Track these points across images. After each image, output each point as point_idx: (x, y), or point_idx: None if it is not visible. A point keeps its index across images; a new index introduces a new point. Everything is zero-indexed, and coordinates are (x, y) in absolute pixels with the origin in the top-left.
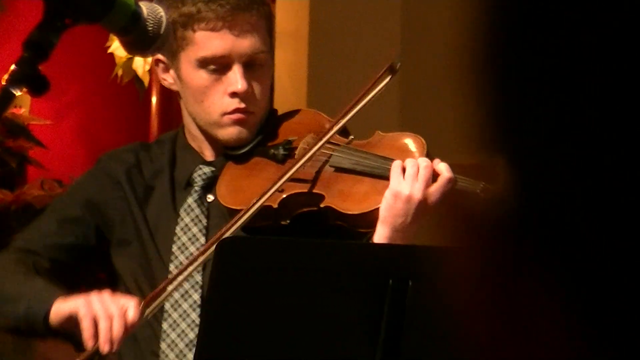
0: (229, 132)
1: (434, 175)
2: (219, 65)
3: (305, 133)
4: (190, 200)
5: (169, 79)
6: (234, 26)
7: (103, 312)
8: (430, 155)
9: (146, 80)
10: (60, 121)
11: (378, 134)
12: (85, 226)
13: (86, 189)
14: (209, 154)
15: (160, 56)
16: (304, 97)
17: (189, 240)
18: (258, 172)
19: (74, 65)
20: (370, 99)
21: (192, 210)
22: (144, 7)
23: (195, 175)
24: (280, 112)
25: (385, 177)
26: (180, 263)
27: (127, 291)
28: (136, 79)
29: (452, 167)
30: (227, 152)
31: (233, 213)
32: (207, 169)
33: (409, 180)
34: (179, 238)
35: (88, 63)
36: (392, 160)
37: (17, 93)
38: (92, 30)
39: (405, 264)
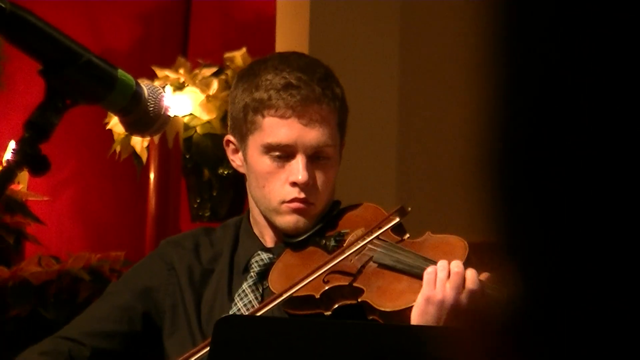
0: (287, 220)
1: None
2: (283, 153)
3: (363, 226)
4: (245, 285)
5: (237, 160)
6: (302, 116)
7: None
8: (470, 260)
9: (144, 157)
10: (57, 197)
11: (428, 235)
12: (134, 314)
13: (140, 275)
14: (269, 240)
15: (230, 137)
16: None
17: None
18: (309, 261)
19: (72, 140)
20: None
21: (246, 295)
22: (145, 88)
23: (252, 260)
24: None
25: (421, 278)
26: None
27: None
28: (134, 155)
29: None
30: (285, 240)
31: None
32: (264, 255)
33: (439, 284)
34: None
35: (86, 139)
36: (430, 261)
37: (18, 172)
38: (91, 106)
39: (404, 345)
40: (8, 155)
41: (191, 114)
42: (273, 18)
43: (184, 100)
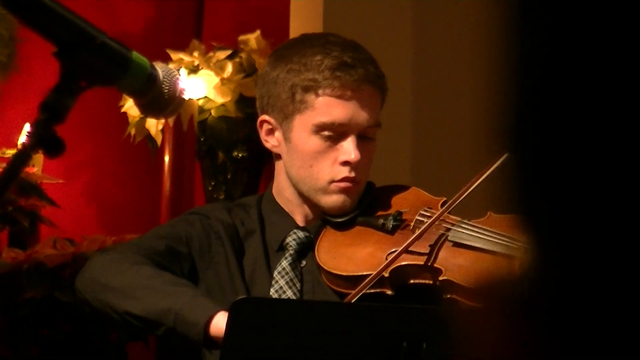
0: (334, 200)
1: None
2: (335, 133)
3: (412, 206)
4: (285, 263)
5: (272, 141)
6: (357, 97)
7: None
8: None
9: (159, 140)
10: (72, 180)
11: (490, 214)
12: (185, 264)
13: (191, 232)
14: (300, 219)
15: (267, 117)
16: None
17: None
18: (363, 241)
19: (87, 123)
20: (486, 178)
21: (287, 273)
22: (160, 70)
23: (289, 239)
24: None
25: (510, 256)
26: None
27: None
28: (149, 138)
29: None
30: (327, 219)
31: (336, 278)
32: (301, 234)
33: None
34: None
35: (100, 122)
36: (516, 239)
37: (34, 154)
38: (105, 89)
39: (419, 326)
40: (23, 138)
41: (205, 96)
42: (287, 0)
43: (199, 83)
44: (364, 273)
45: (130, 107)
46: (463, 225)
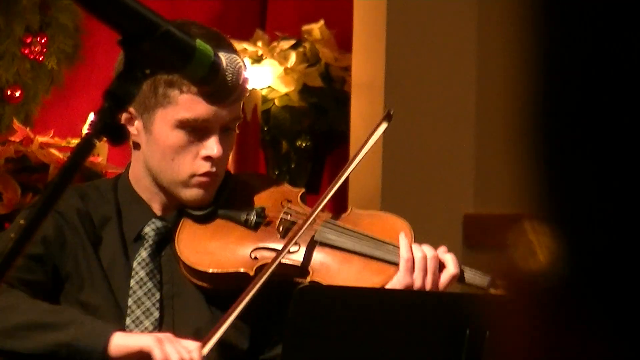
0: (194, 193)
1: (440, 266)
2: (197, 129)
3: (272, 199)
4: (144, 254)
5: (132, 130)
6: None
7: (176, 355)
8: (416, 241)
9: None
10: None
11: (354, 210)
12: (48, 265)
13: (44, 228)
14: (158, 208)
15: None
16: (379, 148)
17: (145, 295)
18: (225, 235)
19: None
20: (366, 152)
21: (147, 264)
22: (224, 58)
23: (147, 229)
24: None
25: (378, 259)
26: (137, 317)
27: None
28: None
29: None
30: (187, 211)
31: (198, 274)
32: (159, 224)
33: (418, 272)
34: (134, 292)
35: None
36: (385, 243)
37: (97, 142)
38: None
39: (482, 313)
40: (87, 126)
41: (269, 86)
42: None
43: (262, 73)
44: (229, 271)
45: None
46: (330, 225)
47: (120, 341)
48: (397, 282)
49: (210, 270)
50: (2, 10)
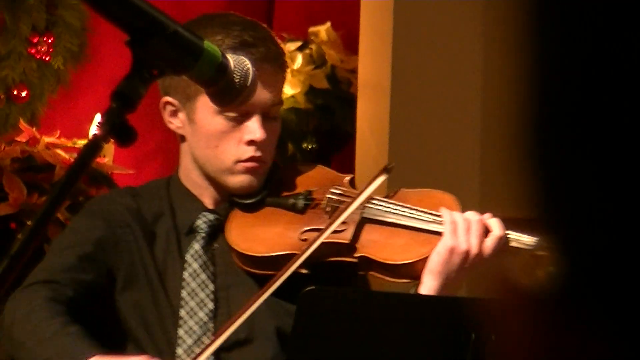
0: (241, 180)
1: (486, 231)
2: (238, 113)
3: (320, 185)
4: (196, 246)
5: (176, 122)
6: (259, 76)
7: None
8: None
9: None
10: (142, 170)
11: (402, 190)
12: (101, 265)
13: (95, 229)
14: (208, 202)
15: (169, 98)
16: (385, 148)
17: (199, 287)
18: (274, 221)
19: (156, 113)
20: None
21: (200, 256)
22: (231, 59)
23: (199, 222)
24: (359, 164)
25: (425, 230)
26: (191, 309)
27: (130, 334)
28: None
29: (503, 221)
30: (235, 200)
31: (250, 259)
32: (211, 216)
33: (463, 234)
34: (188, 284)
35: None
36: (434, 213)
37: (105, 144)
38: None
39: (487, 317)
40: (94, 127)
41: None
42: None
43: None
44: (279, 253)
45: None
46: (376, 202)
47: None
48: (442, 246)
49: (261, 255)
50: (8, 10)
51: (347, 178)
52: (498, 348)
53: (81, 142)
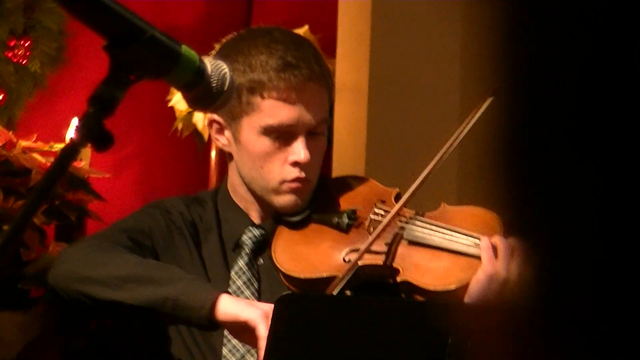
0: (286, 200)
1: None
2: (283, 134)
3: (366, 201)
4: (241, 263)
5: (222, 140)
6: (303, 97)
7: None
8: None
9: (206, 134)
10: (119, 174)
11: (444, 206)
12: (149, 255)
13: (151, 224)
14: (255, 216)
15: (215, 117)
16: (362, 152)
17: None
18: (319, 239)
19: (134, 118)
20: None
21: (244, 273)
22: (208, 64)
23: (244, 237)
24: (336, 168)
25: (466, 254)
26: None
27: (181, 341)
28: (196, 132)
29: None
30: (281, 217)
31: (294, 281)
32: (256, 232)
33: (503, 261)
34: None
35: (148, 116)
36: (475, 236)
37: (82, 148)
38: (153, 83)
39: (465, 322)
40: (71, 131)
41: None
42: None
43: None
44: (323, 276)
45: (177, 101)
46: (417, 222)
47: (227, 306)
48: (481, 273)
49: (303, 276)
50: None
51: (394, 193)
52: (475, 353)
53: (58, 146)
